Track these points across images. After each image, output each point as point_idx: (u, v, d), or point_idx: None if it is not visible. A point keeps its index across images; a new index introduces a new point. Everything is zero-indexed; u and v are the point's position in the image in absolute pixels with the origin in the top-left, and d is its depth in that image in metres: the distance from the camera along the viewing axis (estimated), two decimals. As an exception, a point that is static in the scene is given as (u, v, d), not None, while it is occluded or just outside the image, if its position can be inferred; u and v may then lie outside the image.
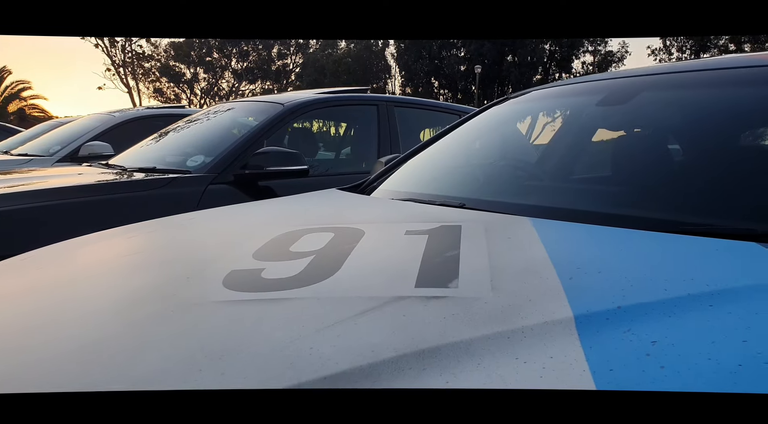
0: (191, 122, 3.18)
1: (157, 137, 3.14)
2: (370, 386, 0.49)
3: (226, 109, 3.16)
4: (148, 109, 4.96)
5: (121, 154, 3.06)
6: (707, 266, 0.71)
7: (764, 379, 0.46)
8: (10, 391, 0.57)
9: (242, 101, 3.21)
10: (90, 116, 4.83)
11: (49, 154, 4.14)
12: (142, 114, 4.64)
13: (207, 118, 3.14)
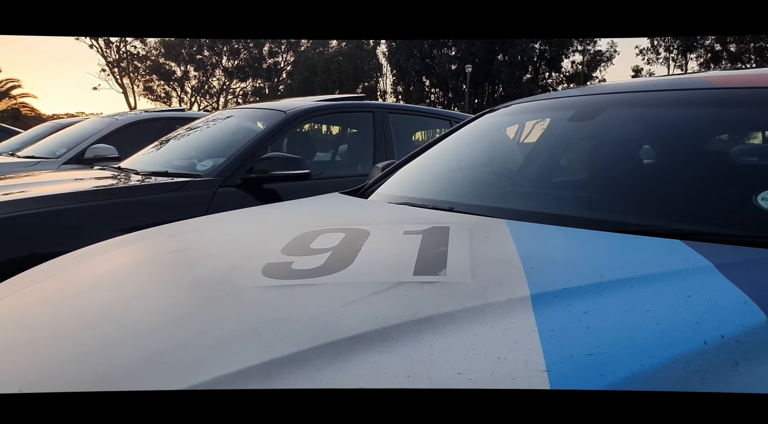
0: (196, 128, 3.36)
1: (164, 142, 3.32)
2: (382, 344, 0.69)
3: (229, 115, 3.35)
4: (149, 112, 5.13)
5: (131, 159, 3.24)
6: (637, 258, 0.92)
7: (656, 335, 0.67)
8: (127, 346, 0.75)
9: (244, 108, 3.39)
10: (93, 119, 4.98)
11: (56, 157, 4.30)
12: (144, 117, 4.80)
13: (211, 124, 3.33)
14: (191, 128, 3.38)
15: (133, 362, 0.70)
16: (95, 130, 4.51)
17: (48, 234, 2.00)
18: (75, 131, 4.75)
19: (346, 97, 3.35)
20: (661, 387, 0.61)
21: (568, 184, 1.51)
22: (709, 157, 1.38)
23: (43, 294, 1.04)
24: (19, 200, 2.05)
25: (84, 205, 2.12)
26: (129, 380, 0.67)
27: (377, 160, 3.10)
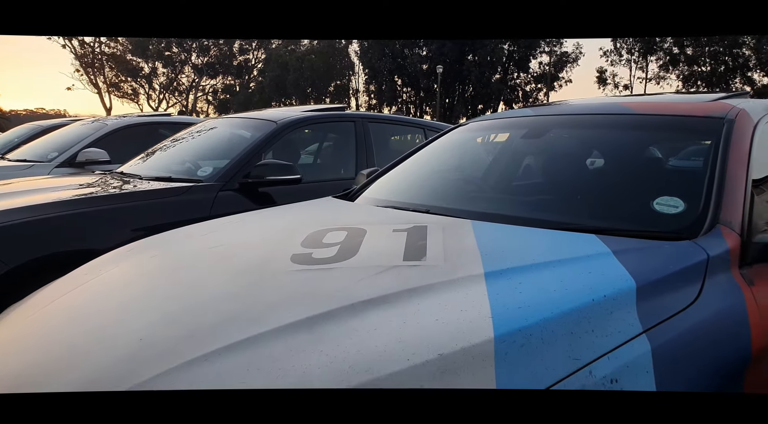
0: (189, 135, 3.64)
1: (160, 149, 3.59)
2: (384, 305, 1.03)
3: (222, 124, 3.64)
4: (137, 117, 5.34)
5: (130, 164, 3.49)
6: (561, 247, 1.29)
7: (563, 295, 1.03)
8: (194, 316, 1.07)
9: (236, 117, 3.69)
10: (81, 123, 5.17)
11: (48, 160, 4.49)
12: (133, 122, 5.02)
13: (204, 132, 3.61)
14: (185, 136, 3.65)
15: (218, 320, 1.03)
16: (85, 134, 4.72)
17: (72, 234, 2.28)
18: (64, 135, 4.94)
19: (328, 107, 3.68)
20: (564, 327, 0.97)
21: (518, 191, 1.89)
22: (621, 171, 1.77)
23: (130, 275, 1.37)
24: (44, 205, 2.32)
25: (103, 208, 2.41)
26: (215, 333, 0.99)
27: (359, 165, 3.44)
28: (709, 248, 1.27)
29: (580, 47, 38.80)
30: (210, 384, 0.85)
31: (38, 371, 0.98)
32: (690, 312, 1.10)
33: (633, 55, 37.55)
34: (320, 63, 45.72)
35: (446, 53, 36.31)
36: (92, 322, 1.14)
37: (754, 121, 1.72)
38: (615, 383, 0.89)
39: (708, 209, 1.41)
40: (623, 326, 1.00)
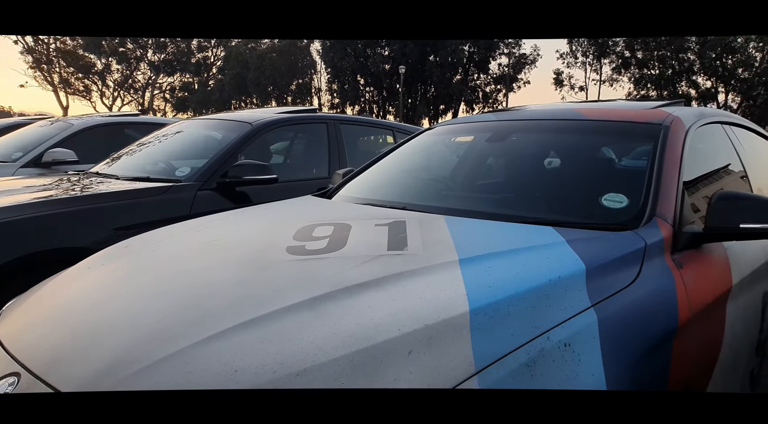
0: (163, 136, 3.70)
1: (134, 149, 3.63)
2: (375, 287, 1.19)
3: (196, 125, 3.71)
4: (104, 116, 5.31)
5: (104, 164, 3.53)
6: (524, 237, 1.48)
7: (524, 276, 1.22)
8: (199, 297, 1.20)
9: (210, 118, 3.77)
10: (49, 123, 5.11)
11: (12, 160, 4.44)
12: (99, 122, 5.00)
13: (177, 132, 3.68)
14: (159, 136, 3.71)
15: (228, 302, 1.17)
16: (51, 134, 4.68)
17: (57, 232, 2.35)
18: (28, 135, 4.87)
19: (300, 109, 3.81)
20: (526, 302, 1.15)
21: (484, 189, 2.09)
22: (574, 171, 1.99)
23: (137, 267, 1.49)
24: (28, 204, 2.38)
25: (86, 207, 2.48)
26: (228, 313, 1.13)
27: (332, 165, 3.59)
28: (647, 237, 1.49)
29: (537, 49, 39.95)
30: (227, 358, 0.99)
31: (66, 352, 1.10)
32: (630, 290, 1.31)
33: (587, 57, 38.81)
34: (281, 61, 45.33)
35: (408, 54, 36.63)
36: (109, 308, 1.26)
37: (686, 127, 1.97)
38: (568, 347, 1.08)
39: (647, 204, 1.63)
40: (575, 301, 1.19)
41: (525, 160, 2.10)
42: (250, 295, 1.20)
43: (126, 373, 0.98)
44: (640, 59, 35.97)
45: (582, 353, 1.09)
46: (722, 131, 2.27)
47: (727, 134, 2.29)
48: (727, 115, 2.58)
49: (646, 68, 36.23)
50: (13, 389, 1.04)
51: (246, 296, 1.19)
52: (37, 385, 1.02)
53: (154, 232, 1.84)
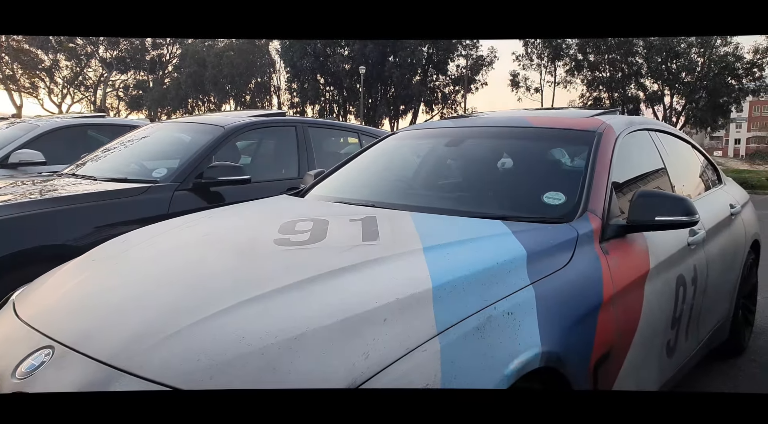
0: (134, 139, 3.82)
1: (106, 151, 3.74)
2: (353, 271, 1.42)
3: (168, 128, 3.84)
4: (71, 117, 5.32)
5: (77, 166, 3.62)
6: (477, 229, 1.75)
7: (474, 259, 1.48)
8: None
9: (182, 121, 3.91)
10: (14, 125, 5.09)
11: (-22, 161, 4.44)
12: (66, 123, 5.03)
13: (149, 135, 3.81)
14: (131, 139, 3.82)
15: (230, 284, 1.38)
16: (16, 135, 4.69)
17: (43, 231, 2.48)
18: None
19: (269, 113, 4.00)
20: (477, 280, 1.40)
21: (443, 188, 2.36)
22: (520, 172, 2.28)
23: (143, 257, 1.68)
24: (14, 205, 2.50)
25: (69, 207, 2.61)
26: (231, 293, 1.34)
27: (301, 166, 3.79)
28: (579, 228, 1.78)
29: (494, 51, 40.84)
30: (236, 327, 1.20)
31: (93, 327, 1.29)
32: (563, 271, 1.59)
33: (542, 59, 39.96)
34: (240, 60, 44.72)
35: (368, 54, 36.81)
36: (125, 291, 1.46)
37: (617, 134, 2.28)
38: (510, 315, 1.34)
39: (581, 201, 1.93)
40: (517, 280, 1.46)
41: (478, 163, 2.38)
42: (248, 279, 1.42)
43: (150, 342, 1.18)
44: (591, 62, 37.31)
45: (521, 320, 1.35)
46: (648, 137, 2.61)
47: (653, 140, 2.63)
48: (654, 122, 2.94)
49: (597, 71, 37.60)
50: (50, 359, 1.22)
51: (244, 280, 1.41)
52: (71, 354, 1.21)
53: (148, 228, 2.02)
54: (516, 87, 40.49)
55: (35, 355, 1.26)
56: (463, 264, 1.47)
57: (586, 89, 38.48)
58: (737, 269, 2.95)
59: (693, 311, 2.33)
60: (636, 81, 36.76)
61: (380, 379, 1.07)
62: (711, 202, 2.84)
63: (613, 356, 1.68)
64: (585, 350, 1.53)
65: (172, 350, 1.16)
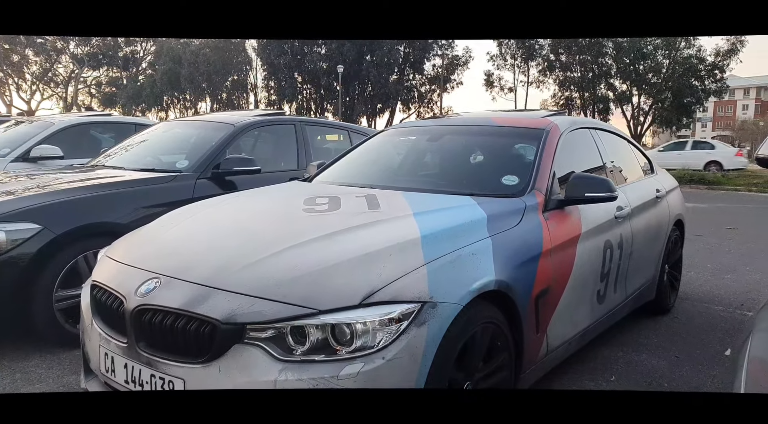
0: (152, 134, 4.33)
1: (129, 145, 4.25)
2: (365, 227, 2.01)
3: (181, 125, 4.37)
4: (82, 116, 5.77)
5: (101, 159, 4.12)
6: (452, 202, 2.35)
7: (451, 221, 2.08)
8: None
9: (194, 120, 4.44)
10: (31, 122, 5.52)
11: (1, 156, 4.88)
12: (79, 121, 5.48)
13: (167, 131, 4.33)
14: (148, 134, 4.34)
15: (279, 236, 1.96)
16: (34, 132, 5.13)
17: (98, 210, 3.01)
18: (11, 133, 5.29)
19: (270, 112, 4.55)
20: (452, 233, 2.00)
21: (426, 173, 2.96)
22: (488, 162, 2.90)
23: (207, 220, 2.26)
24: (73, 189, 3.02)
25: (117, 191, 3.14)
26: (280, 240, 1.91)
27: (300, 159, 4.36)
28: (528, 201, 2.40)
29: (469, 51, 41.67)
30: (288, 261, 1.78)
31: (187, 263, 1.85)
32: (513, 230, 2.20)
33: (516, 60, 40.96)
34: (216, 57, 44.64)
35: (345, 53, 37.24)
36: (203, 240, 2.05)
37: (561, 131, 2.91)
38: (474, 255, 1.94)
39: (530, 182, 2.55)
40: (479, 233, 2.07)
41: (453, 153, 3.00)
42: (292, 232, 2.00)
43: (233, 270, 1.75)
44: (563, 62, 38.44)
45: (481, 259, 1.96)
46: (588, 134, 3.26)
47: (592, 136, 3.28)
48: (595, 122, 3.60)
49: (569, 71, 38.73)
50: (160, 285, 1.78)
51: (289, 233, 1.99)
52: (174, 281, 1.77)
53: (195, 204, 2.58)
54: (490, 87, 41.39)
55: (146, 283, 1.81)
56: (441, 223, 2.07)
57: (558, 89, 39.54)
58: (662, 241, 3.63)
59: (620, 270, 2.98)
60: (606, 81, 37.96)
61: (389, 288, 1.67)
62: (640, 187, 3.51)
63: (551, 292, 2.31)
64: (528, 283, 2.15)
65: (249, 274, 1.73)
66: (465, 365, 1.85)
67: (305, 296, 1.64)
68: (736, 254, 6.12)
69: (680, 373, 2.89)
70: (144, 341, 1.76)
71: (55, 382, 2.55)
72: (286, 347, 1.60)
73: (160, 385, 1.70)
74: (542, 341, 2.30)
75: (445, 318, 1.72)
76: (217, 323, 1.61)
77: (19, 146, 4.95)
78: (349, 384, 1.53)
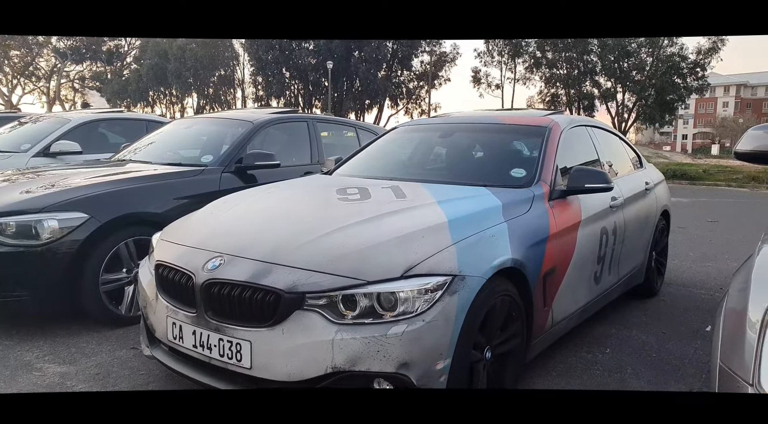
0: (173, 130, 4.57)
1: (151, 141, 4.48)
2: (393, 214, 2.30)
3: (201, 122, 4.61)
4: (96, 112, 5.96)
5: (126, 154, 4.35)
6: (470, 192, 2.65)
7: (472, 207, 2.38)
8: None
9: (213, 117, 4.68)
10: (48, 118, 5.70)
11: (23, 151, 5.07)
12: (95, 117, 5.68)
13: (187, 127, 4.57)
14: (169, 131, 4.58)
15: (323, 221, 2.24)
16: (53, 128, 5.32)
17: (136, 201, 3.26)
18: (32, 129, 5.48)
19: (284, 110, 4.82)
20: (474, 218, 2.30)
21: (441, 167, 3.26)
22: (497, 156, 3.20)
23: (255, 205, 2.55)
24: (113, 181, 3.26)
25: (152, 184, 3.39)
26: (325, 225, 2.19)
27: (312, 154, 4.63)
28: (535, 191, 2.71)
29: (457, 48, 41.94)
30: (336, 241, 2.06)
31: (248, 243, 2.12)
32: (524, 216, 2.50)
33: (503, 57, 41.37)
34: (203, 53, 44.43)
35: (333, 49, 37.32)
36: (257, 223, 2.35)
37: (562, 129, 3.22)
38: (493, 237, 2.24)
39: (536, 174, 2.85)
40: (496, 218, 2.37)
41: (464, 149, 3.30)
42: (334, 217, 2.28)
43: (290, 248, 2.03)
44: (549, 60, 38.96)
45: (499, 240, 2.26)
46: (585, 131, 3.57)
47: (589, 133, 3.59)
48: (591, 120, 3.92)
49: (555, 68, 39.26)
50: (224, 262, 2.05)
51: (332, 217, 2.27)
52: (237, 259, 2.04)
53: (236, 194, 2.85)
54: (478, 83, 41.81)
55: (212, 261, 2.08)
56: (463, 209, 2.37)
57: (544, 86, 40.08)
58: (650, 229, 3.97)
59: (614, 254, 3.30)
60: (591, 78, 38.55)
61: (424, 264, 1.95)
62: (631, 179, 3.84)
63: (557, 271, 2.61)
64: (537, 263, 2.45)
65: (306, 252, 2.01)
66: (487, 331, 2.15)
67: (355, 269, 1.92)
68: (717, 244, 6.52)
69: (667, 346, 3.22)
70: (212, 311, 2.03)
71: (108, 355, 2.80)
72: (338, 312, 1.88)
73: (228, 347, 1.97)
74: (548, 314, 2.60)
75: (472, 289, 2.01)
76: (281, 292, 1.89)
77: (38, 142, 5.14)
78: (395, 342, 1.82)
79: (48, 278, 2.93)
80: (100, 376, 2.57)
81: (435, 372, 1.89)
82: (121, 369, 2.65)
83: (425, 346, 1.86)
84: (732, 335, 1.18)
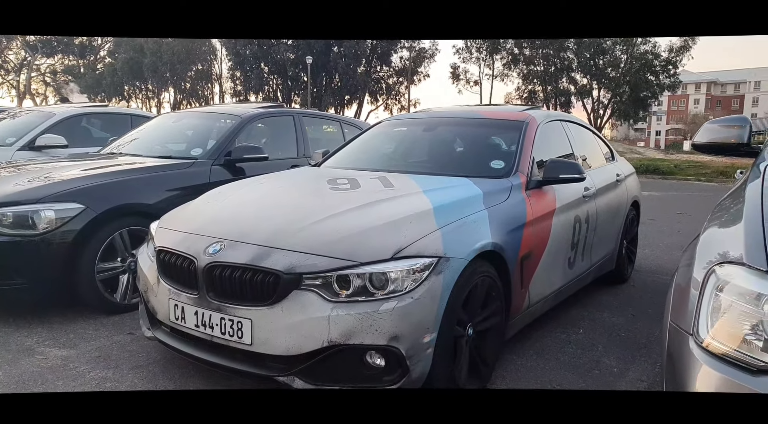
0: (162, 124, 4.65)
1: (140, 135, 4.56)
2: (381, 202, 2.46)
3: (190, 116, 4.70)
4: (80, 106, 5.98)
5: (116, 146, 4.43)
6: (453, 182, 2.82)
7: (455, 196, 2.55)
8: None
9: (202, 111, 4.77)
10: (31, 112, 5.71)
11: (8, 144, 5.09)
12: (79, 112, 5.70)
13: (176, 121, 4.65)
14: (157, 125, 4.66)
15: (316, 209, 2.39)
16: (37, 122, 5.34)
17: (129, 192, 3.35)
18: (16, 123, 5.49)
19: (270, 105, 4.93)
20: (457, 206, 2.47)
21: (425, 159, 3.43)
22: (478, 148, 3.39)
23: (250, 195, 2.68)
24: (106, 173, 3.35)
25: (145, 176, 3.49)
26: (318, 212, 2.34)
27: (299, 148, 4.76)
28: (513, 181, 2.90)
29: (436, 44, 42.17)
30: (330, 227, 2.21)
31: (247, 229, 2.26)
32: (503, 204, 2.69)
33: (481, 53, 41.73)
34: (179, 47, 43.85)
35: (312, 44, 37.21)
36: (254, 211, 2.48)
37: (538, 123, 3.41)
38: (474, 223, 2.42)
39: (514, 166, 3.04)
40: (478, 206, 2.55)
41: (447, 142, 3.48)
42: (326, 205, 2.43)
43: (288, 233, 2.18)
44: (527, 56, 39.47)
45: (481, 225, 2.44)
46: (560, 126, 3.78)
47: (563, 127, 3.80)
48: (565, 115, 4.13)
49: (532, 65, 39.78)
50: (224, 247, 2.18)
51: (325, 205, 2.42)
52: (237, 243, 2.18)
53: (232, 184, 2.99)
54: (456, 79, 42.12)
55: (212, 246, 2.22)
56: (447, 197, 2.55)
57: (522, 82, 40.58)
58: (621, 219, 4.20)
59: (587, 241, 3.51)
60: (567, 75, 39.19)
61: (412, 246, 2.12)
62: (603, 171, 4.06)
63: (533, 256, 2.81)
64: (515, 247, 2.64)
65: (302, 236, 2.16)
66: (469, 309, 2.32)
67: (349, 252, 2.08)
68: (685, 235, 6.83)
69: (635, 326, 3.46)
70: (213, 292, 2.17)
71: (107, 340, 2.91)
72: (333, 291, 2.03)
73: (229, 326, 2.11)
74: (525, 295, 2.80)
75: (456, 270, 2.18)
76: (280, 273, 2.04)
77: (23, 136, 5.16)
78: (386, 317, 1.98)
79: (45, 267, 3.02)
80: (101, 358, 2.68)
81: (422, 345, 2.06)
82: (120, 352, 2.76)
83: (413, 321, 2.03)
84: (680, 296, 1.36)
